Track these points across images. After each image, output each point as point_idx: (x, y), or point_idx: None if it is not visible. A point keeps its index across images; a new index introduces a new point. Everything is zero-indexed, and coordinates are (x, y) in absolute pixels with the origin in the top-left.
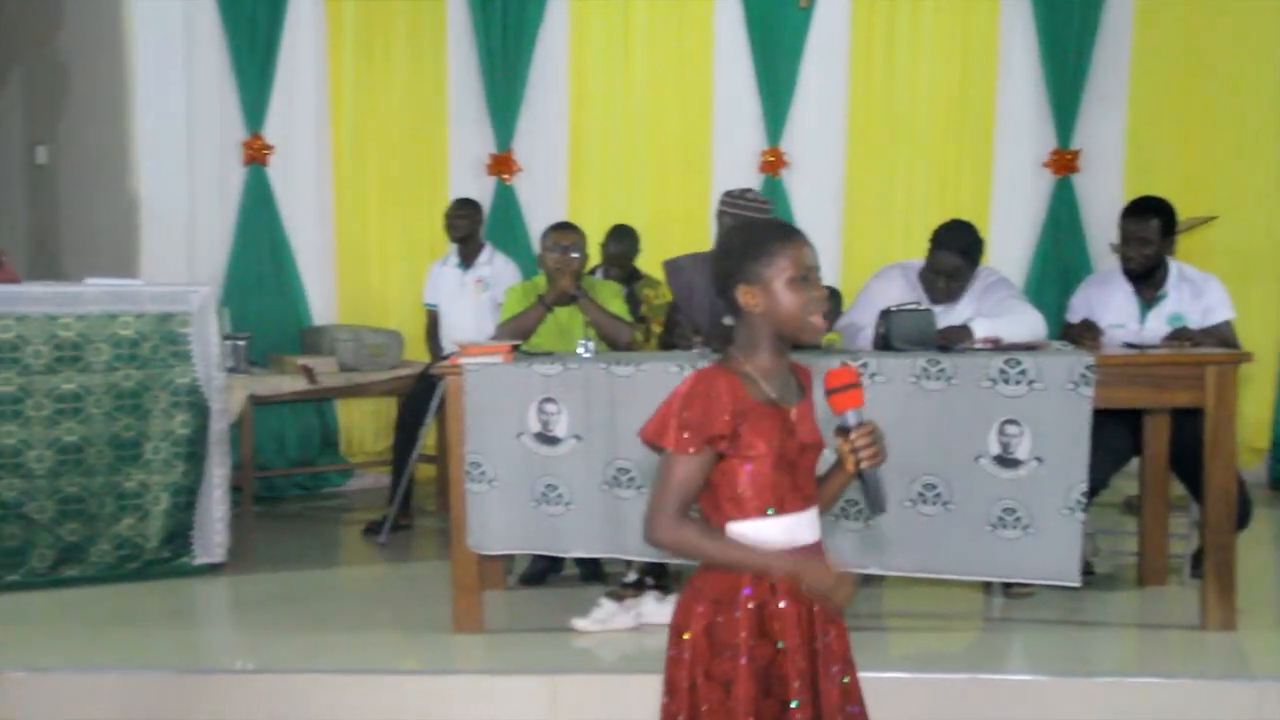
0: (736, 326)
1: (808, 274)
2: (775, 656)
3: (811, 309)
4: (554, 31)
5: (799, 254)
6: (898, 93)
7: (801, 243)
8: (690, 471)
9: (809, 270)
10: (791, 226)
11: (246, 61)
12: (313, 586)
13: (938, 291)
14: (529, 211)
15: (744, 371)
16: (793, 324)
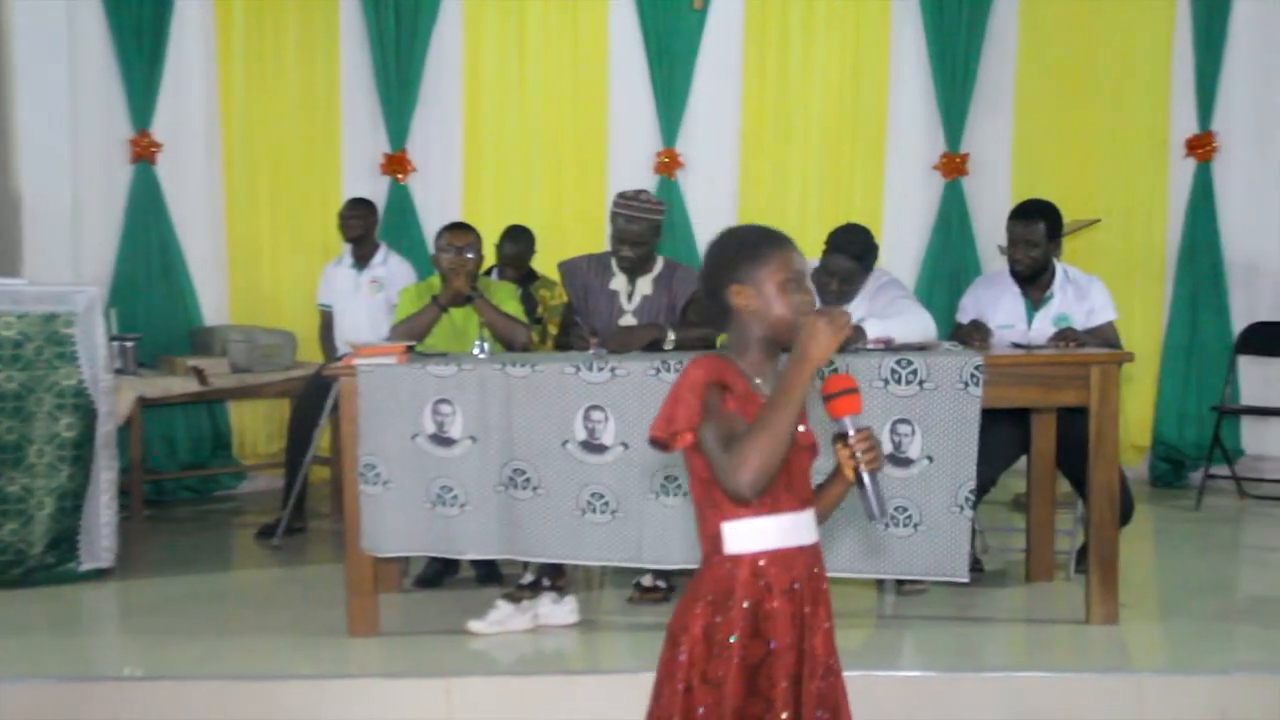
0: (729, 327)
1: (797, 278)
2: (766, 657)
3: (801, 311)
4: (448, 30)
5: (789, 258)
6: (791, 95)
7: (791, 248)
8: (720, 429)
9: (798, 274)
10: (781, 233)
11: (133, 58)
12: (204, 591)
13: (830, 293)
14: (424, 212)
15: (738, 365)
16: (782, 325)
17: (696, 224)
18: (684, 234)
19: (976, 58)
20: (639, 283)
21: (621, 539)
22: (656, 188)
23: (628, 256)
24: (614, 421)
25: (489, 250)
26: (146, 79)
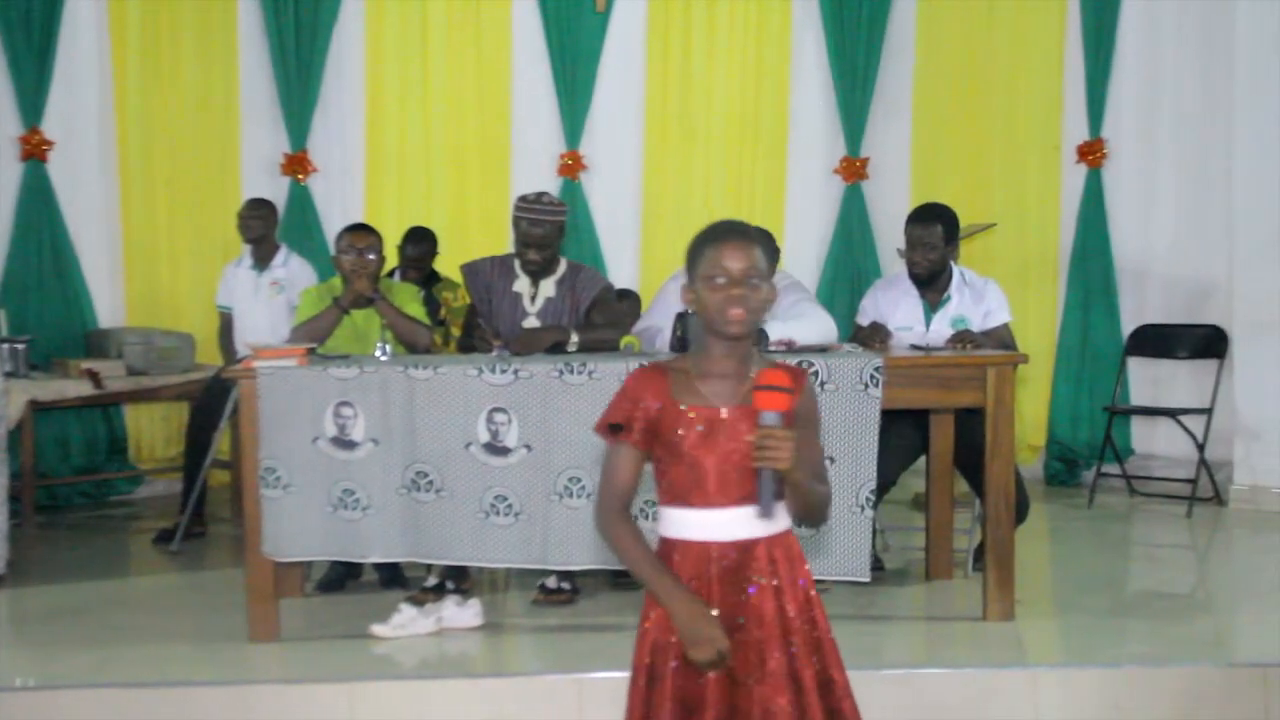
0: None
1: (722, 273)
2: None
3: (721, 305)
4: (349, 29)
5: (717, 253)
6: (694, 98)
7: (724, 243)
8: (614, 462)
9: (723, 270)
10: (729, 227)
11: (22, 54)
12: (101, 598)
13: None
14: (325, 212)
15: (678, 369)
16: (709, 320)
17: (600, 226)
18: (588, 236)
19: (876, 62)
20: (542, 285)
21: (525, 541)
22: (560, 189)
23: (532, 259)
24: (517, 424)
25: (391, 252)
26: (37, 75)
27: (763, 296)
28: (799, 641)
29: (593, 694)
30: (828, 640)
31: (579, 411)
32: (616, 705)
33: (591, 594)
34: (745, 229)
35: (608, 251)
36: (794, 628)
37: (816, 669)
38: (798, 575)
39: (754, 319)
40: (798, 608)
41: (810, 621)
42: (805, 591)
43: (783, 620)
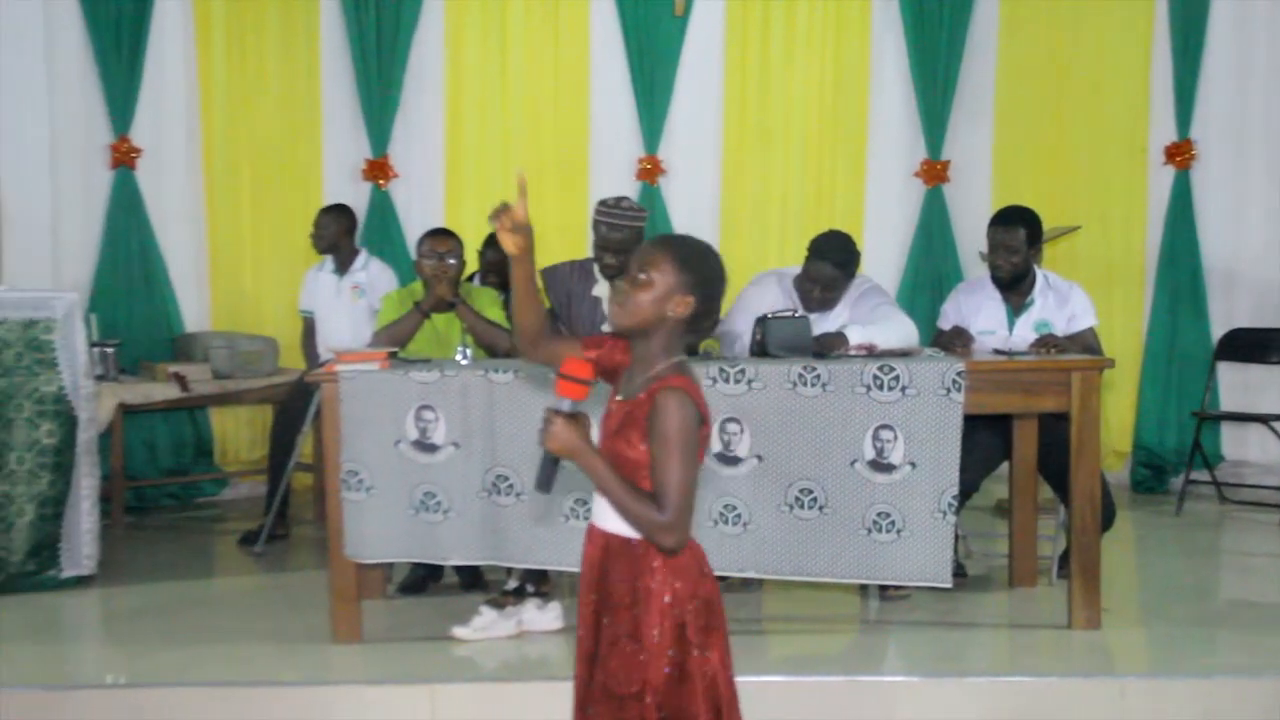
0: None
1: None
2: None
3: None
4: (429, 35)
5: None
6: (772, 101)
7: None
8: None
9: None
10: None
11: (112, 63)
12: (187, 598)
13: (812, 300)
14: (405, 217)
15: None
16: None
17: (678, 229)
18: None
19: (957, 64)
20: None
21: None
22: (638, 194)
23: (610, 264)
24: (596, 427)
25: (471, 256)
26: (126, 84)
27: (634, 297)
28: (603, 657)
29: None
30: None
31: None
32: None
33: None
34: (669, 237)
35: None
36: (603, 638)
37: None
38: (637, 584)
39: (621, 314)
40: (622, 613)
41: (631, 632)
42: (640, 599)
43: (596, 626)
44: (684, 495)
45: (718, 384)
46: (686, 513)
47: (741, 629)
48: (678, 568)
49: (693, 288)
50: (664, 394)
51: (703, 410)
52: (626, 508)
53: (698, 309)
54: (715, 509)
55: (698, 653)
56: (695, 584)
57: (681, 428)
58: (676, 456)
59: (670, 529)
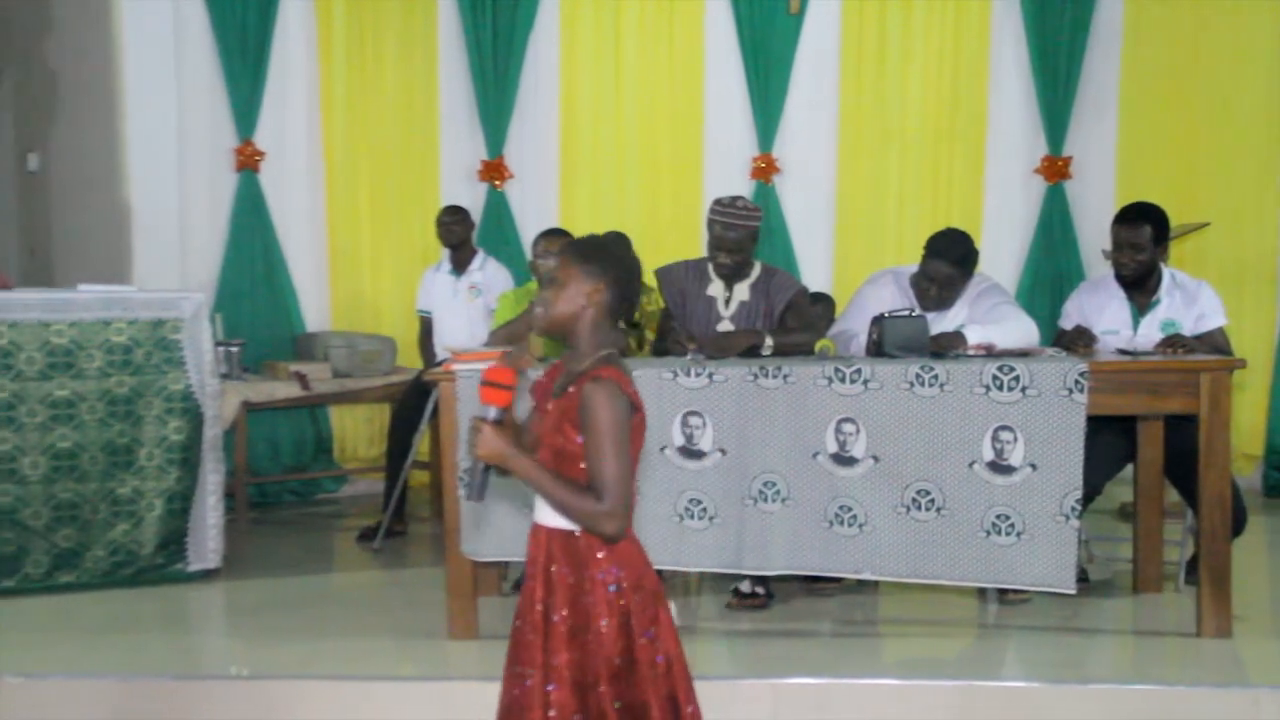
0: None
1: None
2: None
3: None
4: (544, 37)
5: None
6: (889, 98)
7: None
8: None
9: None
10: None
11: (237, 68)
12: (307, 593)
13: (929, 299)
14: (520, 218)
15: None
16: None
17: (793, 228)
18: (781, 238)
19: (1080, 59)
20: (736, 288)
21: (719, 545)
22: (753, 193)
23: (725, 263)
24: (712, 427)
25: None
26: (251, 87)
27: (551, 299)
28: (554, 647)
29: (788, 699)
30: (600, 654)
31: (774, 415)
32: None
33: (785, 599)
34: (570, 241)
35: (801, 254)
36: (555, 629)
37: (559, 667)
38: (583, 575)
39: (542, 318)
40: (570, 606)
41: (582, 624)
42: (586, 590)
43: (545, 624)
44: (620, 482)
45: (833, 384)
46: (624, 499)
47: (856, 631)
48: (621, 558)
49: (599, 275)
50: (590, 386)
51: (634, 399)
52: (564, 502)
53: (611, 294)
54: (831, 510)
55: (645, 640)
56: (640, 574)
57: (610, 418)
58: (609, 445)
59: (610, 516)
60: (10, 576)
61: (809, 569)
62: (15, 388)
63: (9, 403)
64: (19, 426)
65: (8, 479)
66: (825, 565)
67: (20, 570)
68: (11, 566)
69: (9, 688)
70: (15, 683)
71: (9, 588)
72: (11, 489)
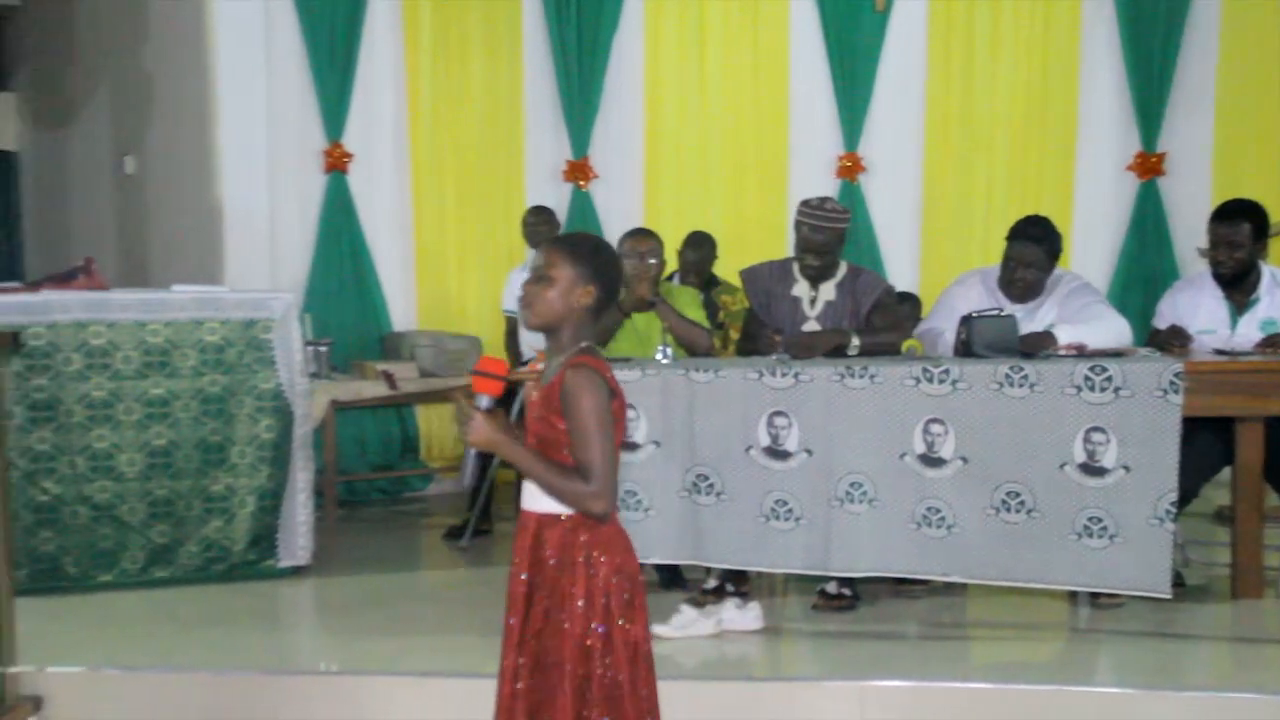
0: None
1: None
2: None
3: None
4: (629, 37)
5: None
6: (977, 95)
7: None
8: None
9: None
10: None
11: (326, 71)
12: (396, 590)
13: (1014, 288)
14: (605, 218)
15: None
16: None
17: (879, 228)
18: (866, 238)
19: (1175, 51)
20: (822, 288)
21: (805, 546)
22: (838, 191)
23: (811, 265)
24: (798, 427)
25: (671, 256)
26: (339, 90)
27: (540, 296)
28: (532, 628)
29: (875, 701)
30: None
31: (861, 416)
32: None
33: (872, 600)
34: (560, 237)
35: (887, 254)
36: (533, 614)
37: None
38: (564, 557)
39: (531, 314)
40: (550, 587)
41: (560, 605)
42: (567, 571)
43: (526, 606)
44: (604, 463)
45: (921, 384)
46: (610, 479)
47: (944, 634)
48: (603, 542)
49: (591, 278)
50: (571, 373)
51: (612, 384)
52: (554, 485)
53: (599, 296)
54: (918, 511)
55: (622, 623)
56: (621, 558)
57: (592, 402)
58: (593, 428)
59: (597, 496)
60: (108, 571)
61: (896, 571)
62: (113, 386)
63: (107, 401)
64: (116, 424)
65: (106, 475)
66: (912, 567)
67: (117, 565)
68: (109, 561)
69: (107, 680)
70: (113, 675)
71: (106, 582)
72: (109, 485)
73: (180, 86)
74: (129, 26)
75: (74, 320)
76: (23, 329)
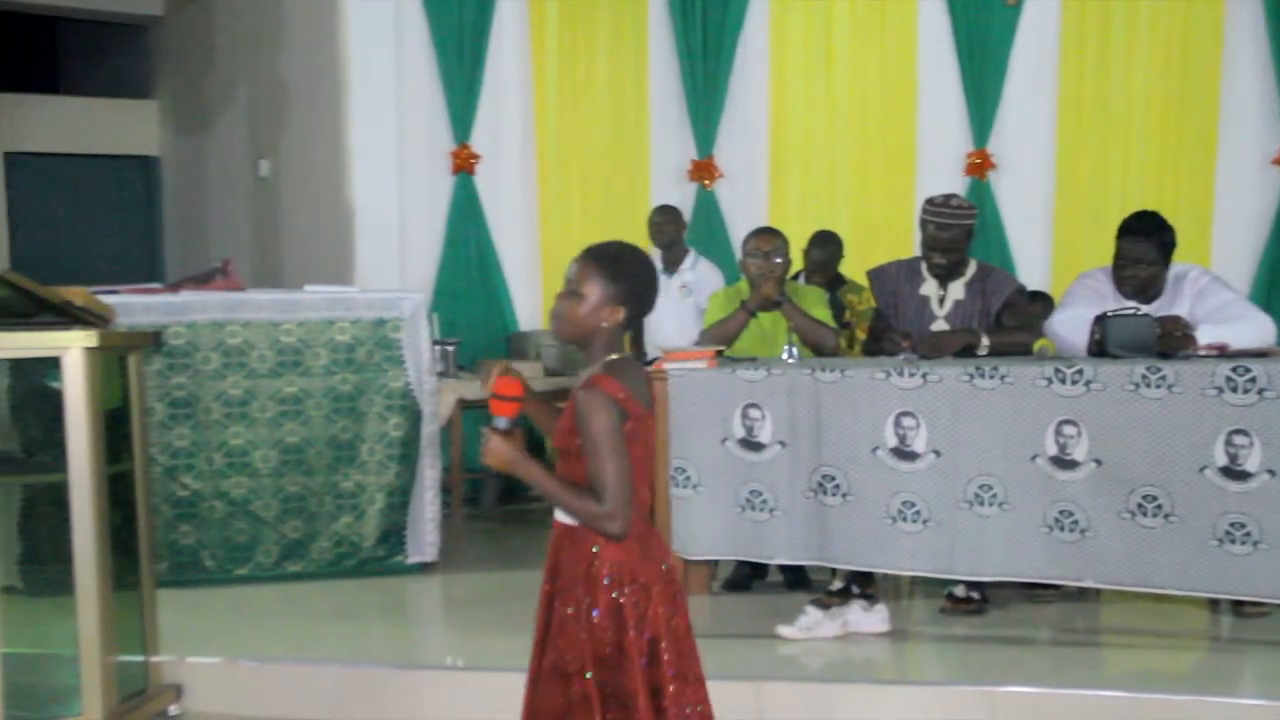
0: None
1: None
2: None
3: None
4: (754, 36)
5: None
6: (1112, 89)
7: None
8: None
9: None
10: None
11: (454, 73)
12: (520, 587)
13: (1127, 286)
14: (730, 217)
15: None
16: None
17: (1009, 226)
18: (996, 236)
19: None
20: (951, 287)
21: (933, 549)
22: (967, 189)
23: (939, 263)
24: (926, 428)
25: (796, 255)
26: (467, 92)
27: (569, 312)
28: (553, 636)
29: (1005, 707)
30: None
31: (990, 416)
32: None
33: (1002, 604)
34: (593, 250)
35: (1017, 252)
36: (556, 616)
37: (557, 661)
38: (579, 568)
39: (561, 327)
40: (570, 596)
41: (576, 613)
42: (582, 581)
43: (549, 609)
44: (618, 485)
45: (1053, 384)
46: (624, 500)
47: (1077, 640)
48: (616, 553)
49: (622, 298)
50: (583, 395)
51: (625, 405)
52: (569, 505)
53: (629, 312)
54: (1050, 515)
55: (634, 633)
56: (635, 568)
57: (602, 424)
58: (604, 450)
59: (611, 517)
60: (243, 565)
61: (1026, 575)
62: (248, 384)
63: (243, 399)
64: (251, 422)
65: (241, 471)
66: (1044, 572)
67: (252, 559)
68: (244, 555)
69: (244, 670)
70: (248, 666)
71: (242, 575)
72: (244, 481)
73: (313, 91)
74: (264, 34)
75: (212, 320)
76: (164, 328)
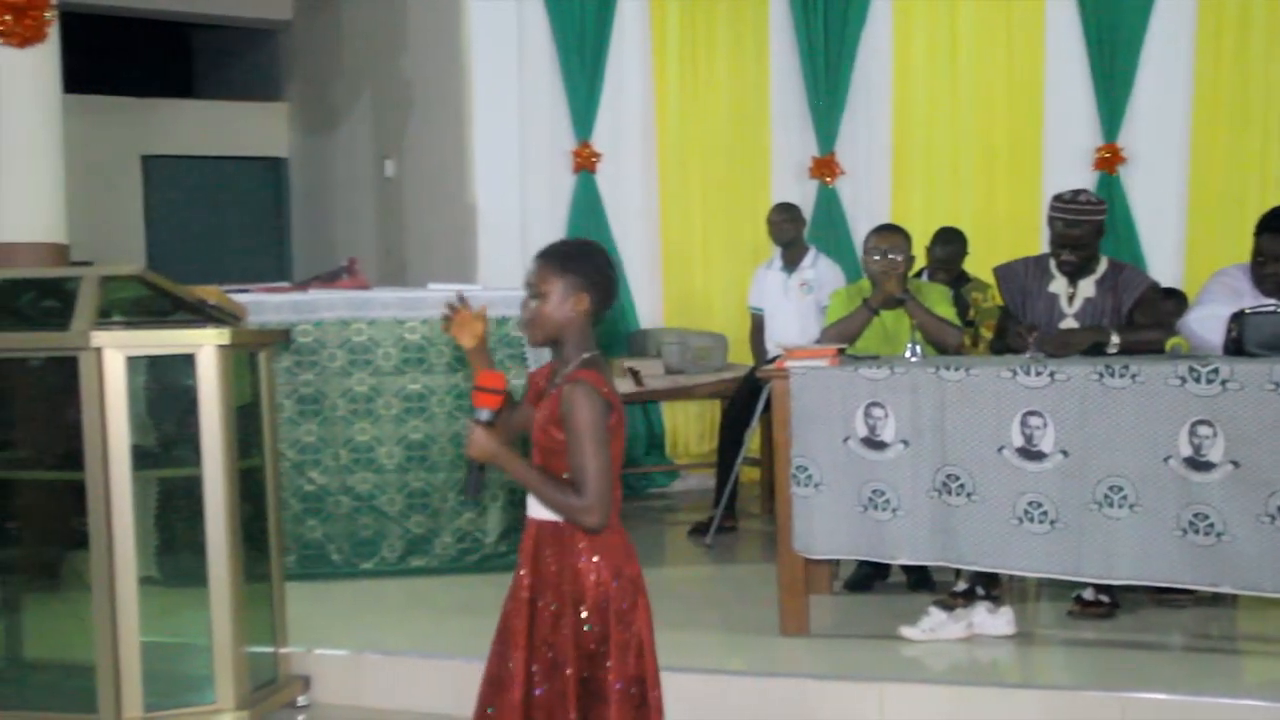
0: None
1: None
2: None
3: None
4: (877, 31)
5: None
6: (1251, 80)
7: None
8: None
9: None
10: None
11: (576, 72)
12: None
13: (1266, 284)
14: (852, 214)
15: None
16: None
17: (1141, 222)
18: (1127, 233)
19: None
20: (1081, 285)
21: (1060, 551)
22: (1096, 185)
23: (1068, 260)
24: (1053, 428)
25: (919, 252)
26: (588, 91)
27: (537, 313)
28: (541, 632)
29: (1136, 714)
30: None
31: (1121, 416)
32: None
33: (1132, 609)
34: (544, 250)
35: (1149, 249)
36: (540, 614)
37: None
38: (565, 563)
39: (532, 331)
40: (553, 593)
41: (563, 610)
42: (568, 577)
43: (531, 609)
44: (598, 478)
45: (1187, 384)
46: (604, 494)
47: (1212, 646)
48: (603, 548)
49: (583, 286)
50: (569, 389)
51: (609, 398)
52: (549, 498)
53: (593, 300)
54: (1184, 518)
55: (621, 628)
56: (621, 563)
57: (588, 418)
58: (587, 444)
59: (589, 510)
60: (368, 559)
61: (1159, 579)
62: (374, 382)
63: (368, 396)
64: (377, 418)
65: (367, 467)
66: (1177, 576)
67: (377, 553)
68: (370, 550)
69: (369, 663)
70: (374, 659)
71: (367, 570)
72: (370, 477)
73: (437, 92)
74: (390, 37)
75: (338, 318)
76: (292, 326)
